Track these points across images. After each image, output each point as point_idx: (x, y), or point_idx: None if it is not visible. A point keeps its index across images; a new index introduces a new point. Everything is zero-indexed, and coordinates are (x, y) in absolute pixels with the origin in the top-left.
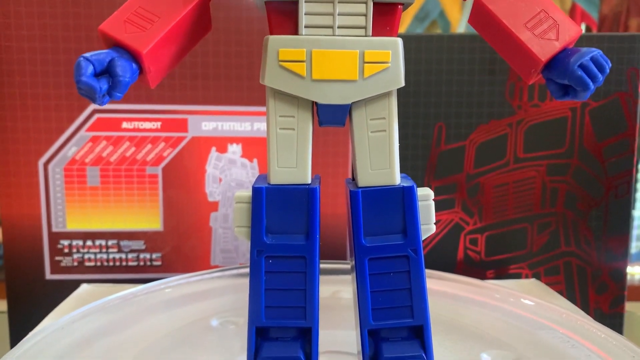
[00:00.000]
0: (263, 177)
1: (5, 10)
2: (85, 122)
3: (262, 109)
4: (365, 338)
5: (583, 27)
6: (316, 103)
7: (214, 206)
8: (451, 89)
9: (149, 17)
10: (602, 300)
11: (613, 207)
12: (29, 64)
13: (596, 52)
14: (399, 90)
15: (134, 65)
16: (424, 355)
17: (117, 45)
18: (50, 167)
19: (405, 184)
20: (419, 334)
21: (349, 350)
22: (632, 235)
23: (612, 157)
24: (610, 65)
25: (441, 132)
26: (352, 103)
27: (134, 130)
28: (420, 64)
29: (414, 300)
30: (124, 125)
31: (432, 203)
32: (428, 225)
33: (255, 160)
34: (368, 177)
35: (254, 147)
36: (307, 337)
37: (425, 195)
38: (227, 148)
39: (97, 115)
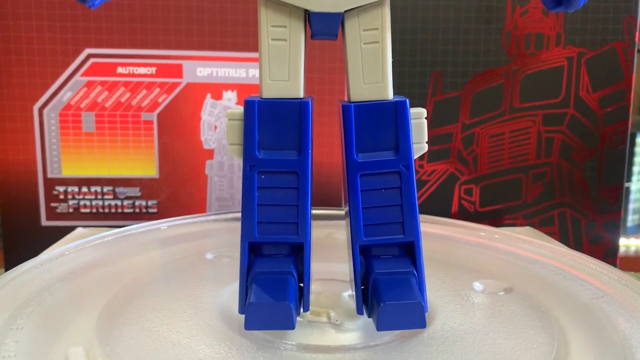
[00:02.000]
0: (255, 95)
1: None
2: (80, 67)
3: (258, 55)
4: (357, 254)
5: None
6: (308, 14)
7: (210, 154)
8: (447, 37)
9: None
10: (596, 251)
11: (608, 157)
12: (23, 7)
13: None
14: (395, 37)
15: None
16: (414, 270)
17: None
18: (45, 112)
19: (398, 99)
20: (410, 252)
21: (342, 278)
22: (629, 208)
23: (607, 107)
24: None
25: (437, 80)
26: (345, 13)
27: (128, 75)
28: (417, 12)
29: (405, 217)
30: (119, 70)
31: (425, 121)
32: (420, 143)
33: None
34: (361, 91)
35: (250, 94)
36: (299, 254)
37: (418, 113)
38: (222, 95)
39: (92, 60)
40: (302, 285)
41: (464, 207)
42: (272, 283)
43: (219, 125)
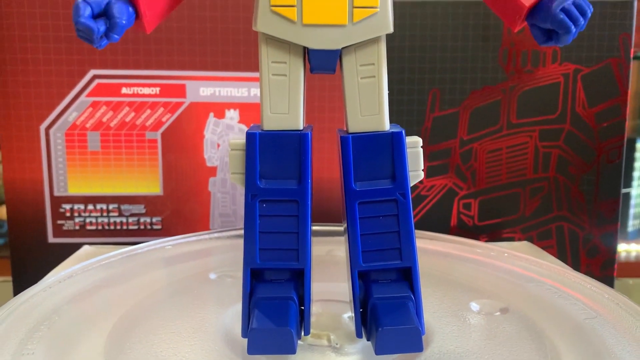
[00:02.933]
0: (256, 126)
1: None
2: (86, 88)
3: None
4: (356, 279)
5: None
6: (307, 49)
7: (213, 171)
8: (445, 55)
9: None
10: (594, 264)
11: (604, 172)
12: (30, 29)
13: None
14: (394, 55)
15: (130, 9)
16: (412, 295)
17: None
18: (51, 132)
19: (394, 130)
20: (408, 276)
21: (342, 299)
22: (629, 213)
23: (603, 122)
24: (592, 9)
25: (435, 97)
26: (342, 49)
27: (133, 95)
28: (415, 30)
29: (403, 243)
30: (124, 90)
31: (421, 150)
32: (416, 171)
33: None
34: (358, 122)
35: (252, 113)
36: (300, 279)
37: (414, 142)
38: (224, 113)
39: (97, 81)
40: (302, 308)
41: (462, 222)
42: (274, 308)
43: (221, 143)
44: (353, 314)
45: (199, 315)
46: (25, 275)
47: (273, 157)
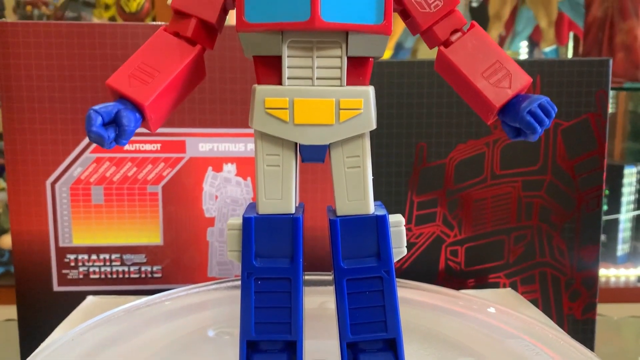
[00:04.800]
0: (253, 205)
1: (14, 40)
2: (90, 144)
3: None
4: (344, 350)
5: (571, 35)
6: (299, 143)
7: (211, 222)
8: (431, 111)
9: (150, 72)
10: (575, 307)
11: (584, 220)
12: (37, 90)
13: (544, 99)
14: (383, 112)
15: (137, 115)
16: None
17: (122, 97)
18: (57, 186)
19: (378, 213)
20: (393, 346)
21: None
22: (619, 238)
23: (583, 173)
24: (557, 110)
25: (422, 151)
26: (331, 143)
27: (135, 151)
28: (402, 88)
29: (388, 316)
30: (126, 147)
31: (404, 229)
32: (400, 248)
33: (249, 179)
34: (345, 207)
35: (248, 166)
36: (293, 349)
37: (397, 222)
38: (222, 167)
39: None
40: None
41: (450, 267)
42: None
43: (219, 195)
44: None
45: None
46: (31, 322)
47: (267, 238)
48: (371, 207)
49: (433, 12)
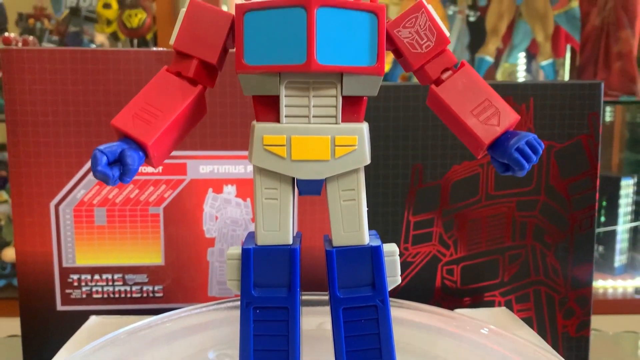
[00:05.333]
0: (252, 235)
1: (19, 66)
2: None
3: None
4: None
5: (568, 48)
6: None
7: (211, 242)
8: (427, 134)
9: (153, 112)
10: (570, 325)
11: (578, 240)
12: (42, 115)
13: (531, 136)
14: (380, 134)
15: (141, 154)
16: None
17: (126, 137)
18: (61, 208)
19: (373, 244)
20: None
21: None
22: (616, 249)
23: (576, 193)
24: (543, 147)
25: (418, 172)
26: (326, 177)
27: (137, 174)
28: (398, 111)
29: (382, 344)
30: None
31: (397, 258)
32: (394, 277)
33: (248, 200)
34: (341, 238)
35: (247, 188)
36: None
37: (391, 252)
38: (222, 189)
39: None
40: None
41: (446, 286)
42: None
43: (219, 215)
44: None
45: None
46: (35, 340)
47: (266, 268)
48: (366, 238)
49: (424, 52)
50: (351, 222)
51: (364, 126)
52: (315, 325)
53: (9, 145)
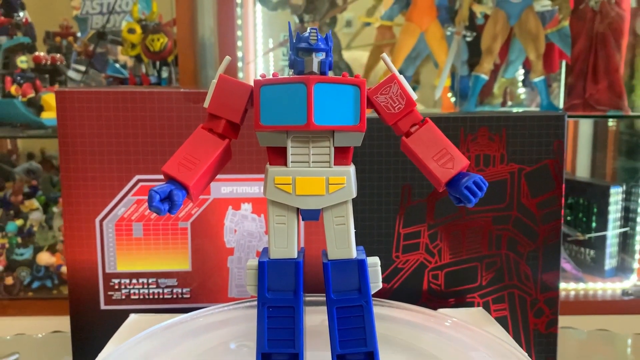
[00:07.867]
0: (266, 250)
1: (71, 105)
2: (132, 189)
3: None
4: None
5: (563, 64)
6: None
7: (231, 251)
8: None
9: (193, 160)
10: (540, 323)
11: (546, 249)
12: (89, 145)
13: (477, 177)
14: (374, 159)
15: (184, 192)
16: None
17: (173, 179)
18: (104, 223)
19: (359, 257)
20: (371, 357)
21: None
22: (606, 253)
23: (543, 210)
24: (487, 185)
25: (407, 191)
26: (322, 208)
27: None
28: (390, 139)
29: (367, 335)
30: None
31: (379, 268)
32: (376, 283)
33: (262, 215)
34: (334, 253)
35: (262, 205)
36: (296, 359)
37: (374, 263)
38: (240, 206)
39: (140, 184)
40: None
41: (432, 289)
42: None
43: (238, 229)
44: None
45: None
46: (82, 335)
47: (276, 276)
48: (354, 253)
49: (397, 112)
50: (342, 241)
51: (351, 169)
52: (319, 322)
53: (61, 171)
